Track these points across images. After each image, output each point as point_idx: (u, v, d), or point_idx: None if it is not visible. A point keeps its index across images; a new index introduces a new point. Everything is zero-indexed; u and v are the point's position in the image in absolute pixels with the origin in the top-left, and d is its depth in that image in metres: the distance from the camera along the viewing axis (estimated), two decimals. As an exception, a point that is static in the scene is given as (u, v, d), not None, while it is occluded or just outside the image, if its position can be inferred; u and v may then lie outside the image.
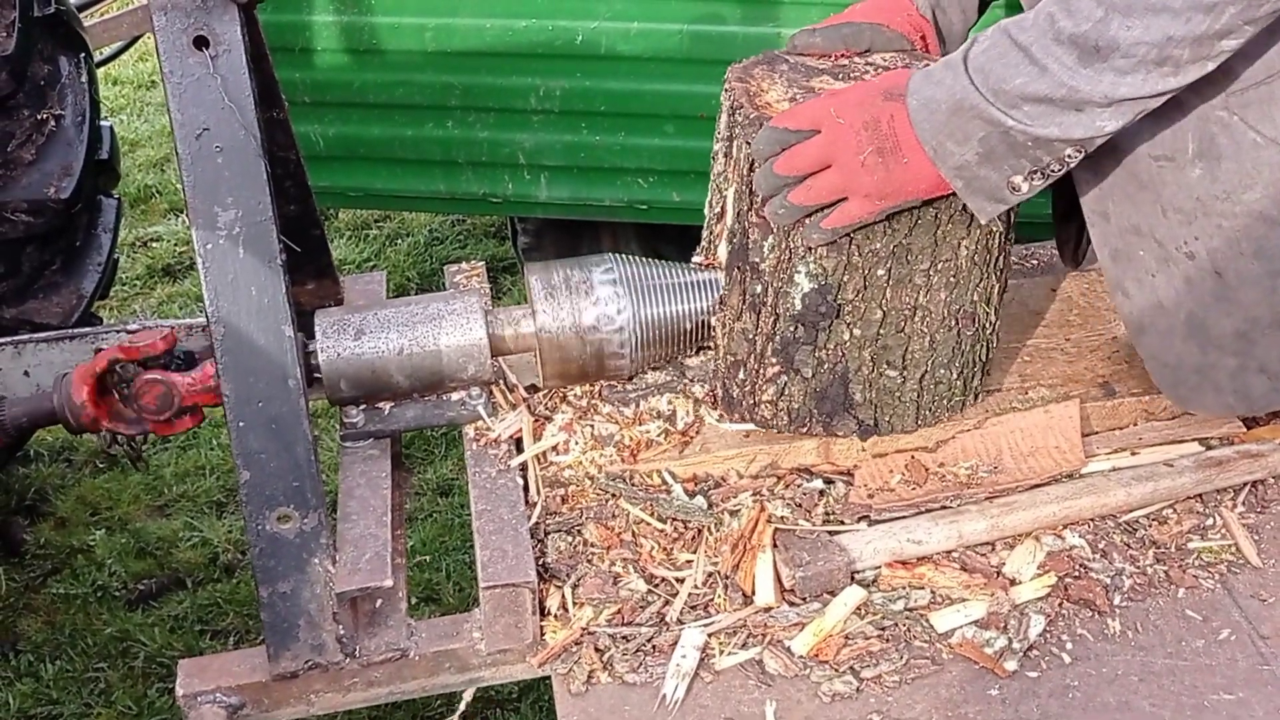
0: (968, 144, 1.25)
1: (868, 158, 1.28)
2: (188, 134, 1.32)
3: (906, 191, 1.30)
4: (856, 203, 1.32)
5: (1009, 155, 1.25)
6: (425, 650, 1.36)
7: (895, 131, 1.28)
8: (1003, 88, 1.22)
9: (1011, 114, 1.22)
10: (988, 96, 1.23)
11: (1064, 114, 1.21)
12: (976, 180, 1.27)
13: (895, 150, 1.28)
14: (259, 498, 1.33)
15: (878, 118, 1.29)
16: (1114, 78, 1.19)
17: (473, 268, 1.85)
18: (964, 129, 1.25)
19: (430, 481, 3.17)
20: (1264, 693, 1.23)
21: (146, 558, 2.96)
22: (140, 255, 4.17)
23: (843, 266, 1.37)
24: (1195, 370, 1.43)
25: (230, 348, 1.33)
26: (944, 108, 1.26)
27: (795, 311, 1.41)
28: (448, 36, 2.69)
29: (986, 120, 1.23)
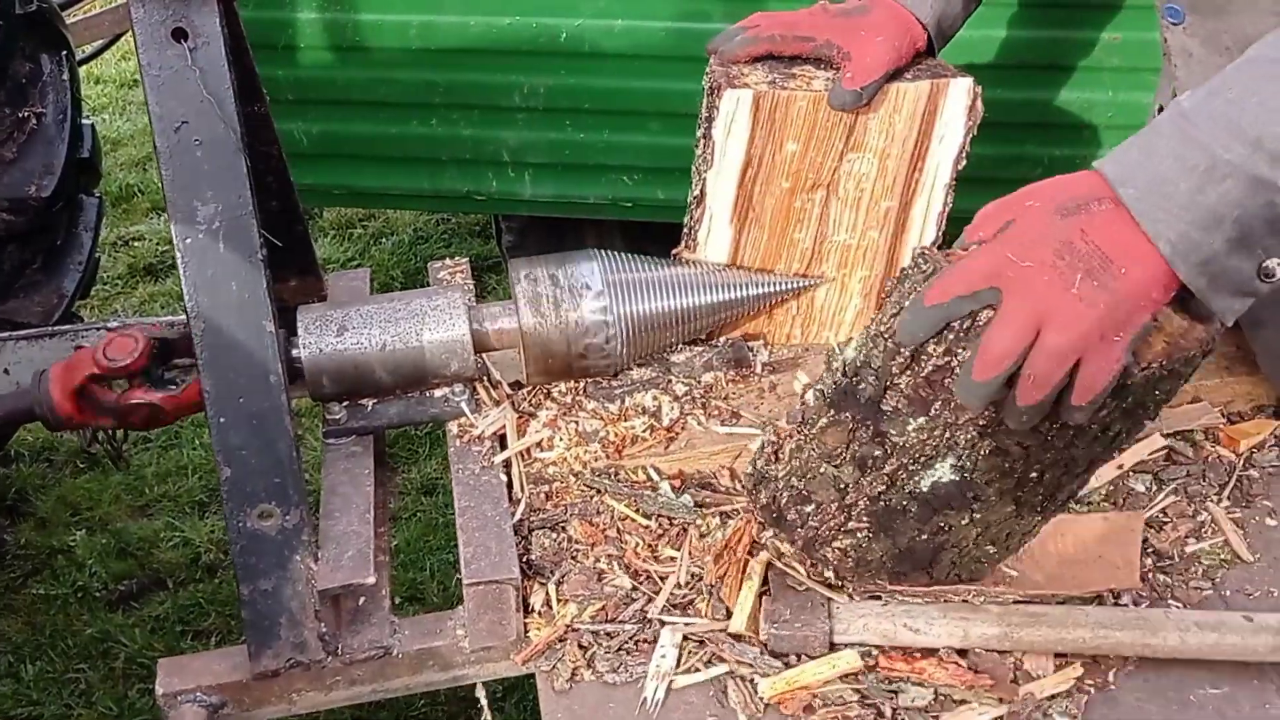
0: (1219, 228, 0.98)
1: (1081, 286, 0.99)
2: (166, 127, 1.31)
3: (1140, 310, 1.01)
4: (1098, 357, 1.00)
5: (1267, 232, 0.99)
6: (408, 648, 1.35)
7: (1097, 244, 1.01)
8: (1271, 130, 0.96)
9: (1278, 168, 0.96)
10: (1241, 149, 0.97)
11: None
12: (1224, 274, 1.01)
13: (1106, 265, 1.00)
14: (240, 494, 1.32)
15: (1069, 239, 1.01)
16: None
17: (456, 264, 1.84)
18: (1215, 208, 0.98)
19: (414, 481, 3.15)
20: (1250, 687, 1.23)
21: (127, 558, 2.94)
22: (122, 254, 4.15)
23: (1000, 470, 1.12)
24: None
25: (210, 343, 1.32)
26: (1184, 187, 0.99)
27: (919, 492, 1.17)
28: (431, 34, 2.67)
29: (1245, 184, 0.97)
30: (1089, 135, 2.56)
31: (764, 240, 1.60)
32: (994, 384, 1.02)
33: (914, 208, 1.57)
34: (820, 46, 1.50)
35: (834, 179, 1.54)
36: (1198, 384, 1.57)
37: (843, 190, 1.55)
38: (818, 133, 1.50)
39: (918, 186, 1.55)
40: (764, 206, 1.56)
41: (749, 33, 1.53)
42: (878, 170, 1.53)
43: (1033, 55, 2.38)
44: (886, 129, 1.50)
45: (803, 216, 1.57)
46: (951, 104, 1.49)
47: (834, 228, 1.58)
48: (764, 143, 1.51)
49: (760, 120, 1.49)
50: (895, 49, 1.46)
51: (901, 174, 1.53)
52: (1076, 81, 2.40)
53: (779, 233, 1.59)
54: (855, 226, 1.58)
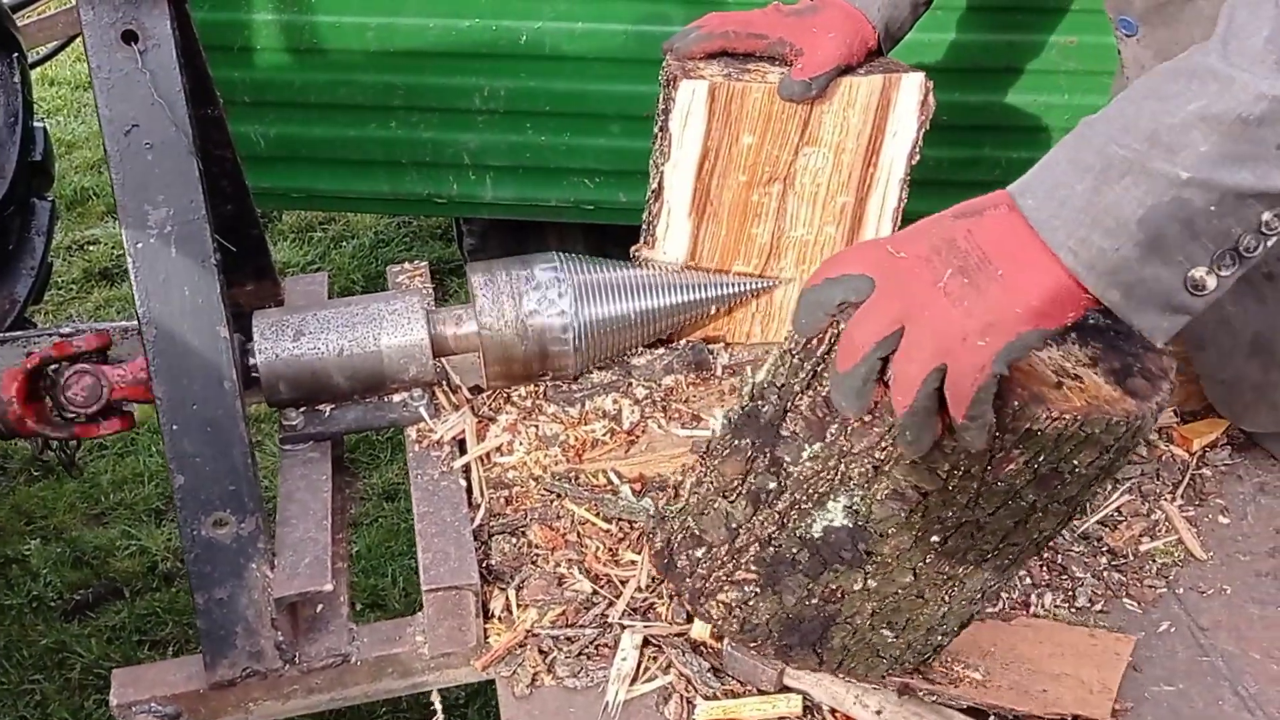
0: (1123, 230, 0.89)
1: (949, 282, 0.93)
2: (116, 130, 1.29)
3: (1013, 318, 0.92)
4: (959, 361, 0.92)
5: (1185, 236, 0.89)
6: (367, 655, 1.34)
7: (979, 244, 0.94)
8: (1166, 122, 0.89)
9: (1182, 159, 0.87)
10: (1141, 147, 0.89)
11: (1260, 149, 0.87)
12: (1142, 286, 0.91)
13: (984, 265, 0.93)
14: (194, 502, 1.30)
15: (951, 237, 0.96)
16: None
17: (415, 268, 1.83)
18: (1114, 208, 0.90)
19: (375, 486, 3.13)
20: (1204, 683, 1.24)
21: (83, 567, 2.89)
22: (77, 259, 4.09)
23: (896, 521, 1.05)
24: (1254, 388, 1.43)
25: (163, 349, 1.30)
26: (1080, 189, 0.92)
27: (810, 537, 1.10)
28: (390, 36, 2.66)
29: (1144, 183, 0.89)
30: (1046, 138, 2.58)
31: (722, 235, 1.60)
32: (856, 376, 0.96)
33: (869, 203, 1.58)
34: (773, 44, 1.51)
35: (790, 173, 1.55)
36: (1152, 384, 1.59)
37: (799, 185, 1.56)
38: (773, 125, 1.50)
39: (873, 182, 1.56)
40: (722, 201, 1.57)
41: (703, 30, 1.54)
42: (833, 165, 1.54)
43: (989, 58, 2.41)
44: (841, 123, 1.51)
45: (760, 211, 1.58)
46: (904, 98, 1.50)
47: (791, 223, 1.59)
48: (720, 135, 1.51)
49: (716, 112, 1.49)
50: (846, 46, 1.47)
51: (857, 169, 1.54)
52: (1033, 85, 2.42)
53: (737, 228, 1.59)
54: (812, 222, 1.59)
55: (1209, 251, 0.90)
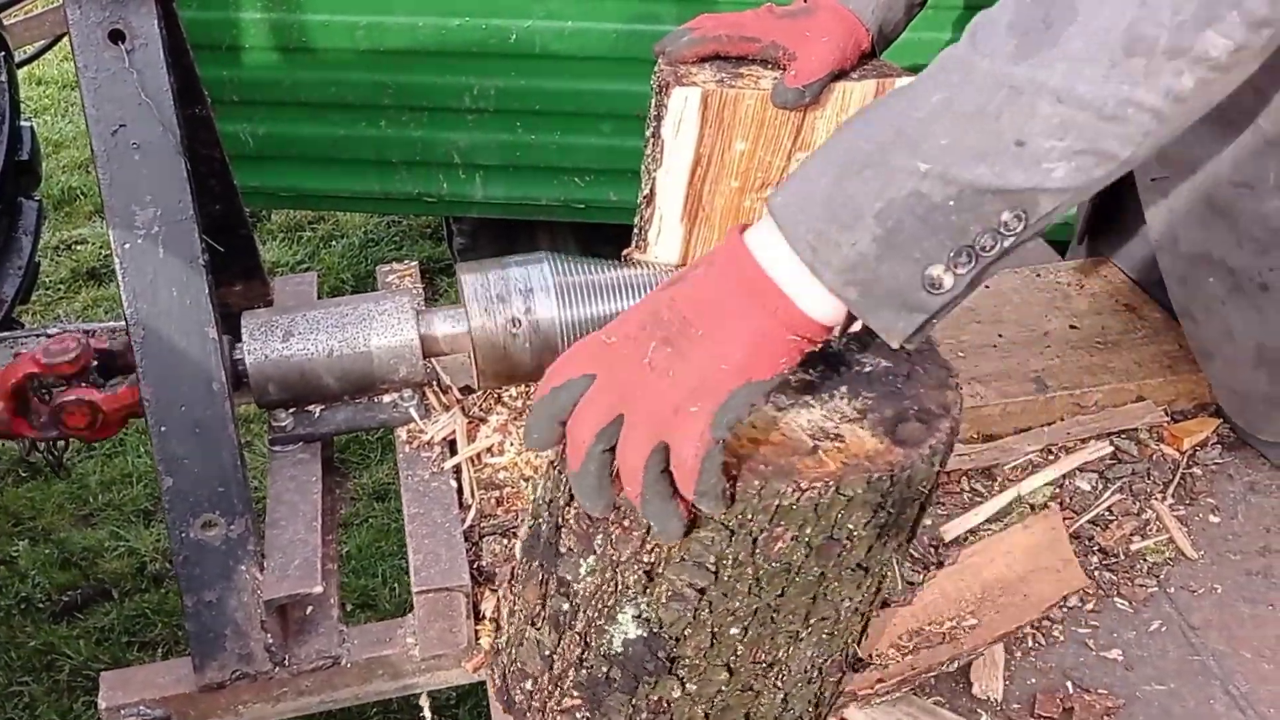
0: (859, 225, 0.86)
1: (654, 355, 0.89)
2: (103, 130, 1.28)
3: (720, 376, 0.87)
4: (677, 434, 0.88)
5: (922, 231, 0.85)
6: (358, 657, 1.33)
7: (680, 309, 0.90)
8: (911, 115, 0.87)
9: (922, 150, 0.85)
10: (885, 142, 0.87)
11: (997, 143, 0.84)
12: (878, 283, 0.87)
13: (685, 329, 0.89)
14: (183, 504, 1.29)
15: (655, 310, 0.92)
16: (1066, 68, 0.83)
17: (405, 268, 1.82)
18: (852, 201, 0.86)
19: (366, 486, 3.12)
20: (1195, 683, 1.24)
21: (71, 568, 2.88)
22: (64, 258, 4.08)
23: (685, 621, 0.98)
24: (1264, 399, 1.42)
25: (150, 351, 1.29)
26: (823, 184, 0.88)
27: (613, 653, 1.03)
28: (380, 35, 2.65)
29: (886, 174, 0.86)
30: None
31: (715, 240, 1.59)
32: (588, 474, 0.91)
33: None
34: (766, 47, 1.50)
35: (783, 178, 1.54)
36: (1141, 383, 1.59)
37: None
38: (766, 131, 1.50)
39: None
40: (714, 206, 1.56)
41: (695, 33, 1.53)
42: None
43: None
44: (834, 128, 1.50)
45: (753, 216, 1.57)
46: None
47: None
48: (713, 141, 1.51)
49: (709, 119, 1.49)
50: (840, 50, 1.47)
51: None
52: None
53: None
54: None
55: (946, 248, 0.86)
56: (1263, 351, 1.38)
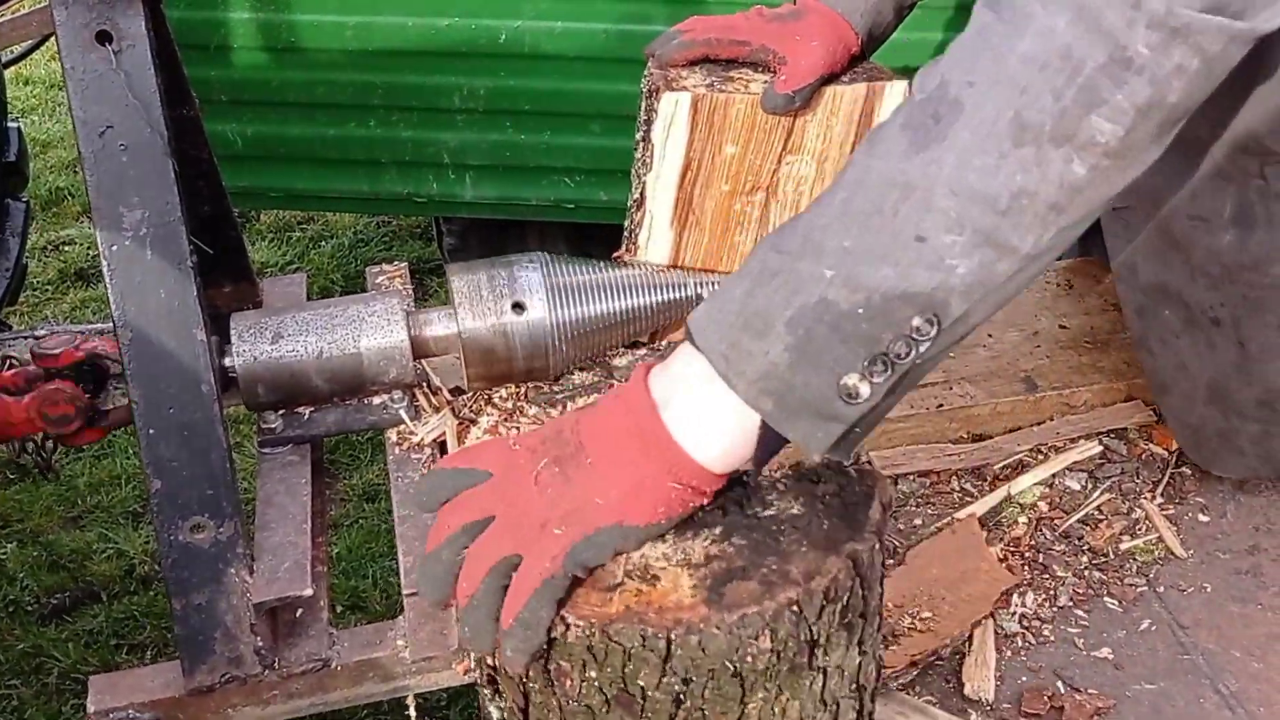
0: (772, 332, 0.85)
1: (543, 472, 0.90)
2: (90, 132, 1.27)
3: (593, 509, 0.87)
4: (534, 551, 0.87)
5: (833, 340, 0.84)
6: (348, 660, 1.32)
7: (580, 432, 0.91)
8: (818, 222, 0.86)
9: (826, 258, 0.84)
10: (791, 250, 0.86)
11: (896, 243, 0.83)
12: (791, 392, 0.85)
13: (577, 454, 0.90)
14: (171, 507, 1.29)
15: (560, 429, 0.94)
16: (955, 159, 0.82)
17: (395, 269, 1.82)
18: (764, 310, 0.85)
19: (356, 487, 3.11)
20: (1184, 681, 1.25)
21: (59, 570, 2.87)
22: (52, 259, 4.06)
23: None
24: (1217, 434, 1.42)
25: (139, 353, 1.28)
26: (737, 293, 0.88)
27: None
28: (369, 35, 2.65)
29: (794, 283, 0.85)
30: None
31: (705, 243, 1.59)
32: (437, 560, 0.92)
33: None
34: (756, 51, 1.50)
35: (773, 181, 1.54)
36: (1130, 383, 1.60)
37: (782, 193, 1.56)
38: (756, 135, 1.50)
39: None
40: (704, 209, 1.56)
41: (685, 36, 1.53)
42: (816, 173, 1.53)
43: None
44: (824, 131, 1.50)
45: (743, 219, 1.57)
46: (888, 107, 1.49)
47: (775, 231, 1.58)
48: (703, 145, 1.51)
49: (699, 123, 1.49)
50: (830, 53, 1.47)
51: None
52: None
53: (720, 236, 1.59)
54: None
55: (859, 356, 0.84)
56: (1215, 387, 1.38)
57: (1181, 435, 1.48)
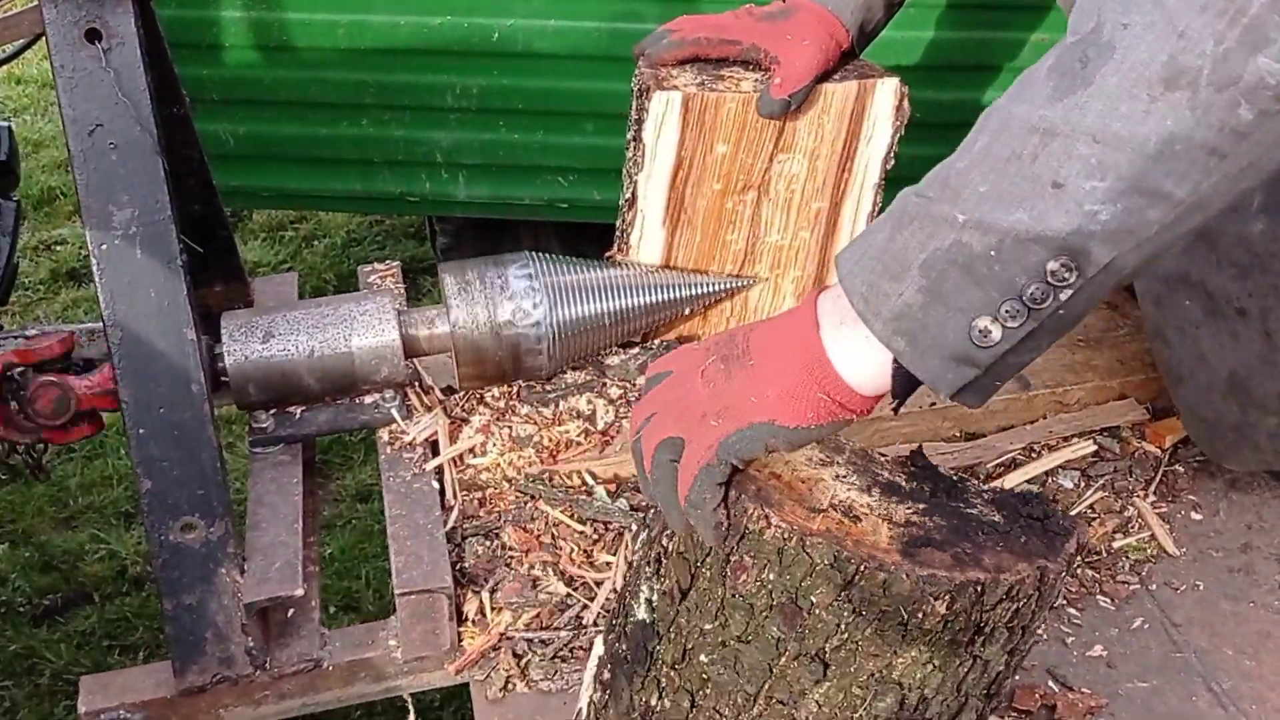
0: (907, 275, 0.86)
1: (709, 367, 0.96)
2: (80, 130, 1.27)
3: (749, 406, 0.92)
4: (695, 438, 0.94)
5: (966, 282, 0.85)
6: (339, 660, 1.32)
7: (749, 340, 0.96)
8: (956, 166, 0.87)
9: (962, 202, 0.84)
10: (929, 195, 0.87)
11: (1034, 187, 0.82)
12: (925, 332, 0.87)
13: (743, 355, 0.95)
14: (161, 507, 1.28)
15: (734, 334, 0.99)
16: (1102, 107, 0.80)
17: (387, 268, 1.81)
18: (902, 253, 0.87)
19: (349, 487, 3.11)
20: (1177, 680, 1.24)
21: (52, 571, 2.86)
22: (44, 259, 4.05)
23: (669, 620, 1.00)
24: (1233, 428, 1.40)
25: (129, 352, 1.28)
26: (879, 237, 0.90)
27: (629, 627, 1.06)
28: (361, 33, 2.63)
29: (930, 226, 0.86)
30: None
31: (697, 242, 1.59)
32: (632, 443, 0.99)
33: (844, 208, 1.57)
34: (747, 50, 1.50)
35: (765, 180, 1.54)
36: (1123, 381, 1.59)
37: (774, 191, 1.55)
38: (748, 134, 1.50)
39: (847, 187, 1.55)
40: (696, 208, 1.56)
41: (675, 36, 1.53)
42: (808, 171, 1.53)
43: (961, 56, 2.41)
44: (815, 129, 1.50)
45: (735, 218, 1.57)
46: (879, 104, 1.49)
47: (766, 229, 1.58)
48: (694, 145, 1.50)
49: (690, 122, 1.48)
50: (822, 52, 1.46)
51: (831, 174, 1.53)
52: (1006, 82, 2.43)
53: (711, 234, 1.59)
54: (787, 227, 1.58)
55: (993, 300, 0.84)
56: (1235, 378, 1.36)
57: (1194, 427, 1.45)
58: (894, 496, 0.96)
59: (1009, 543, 0.92)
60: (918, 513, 0.94)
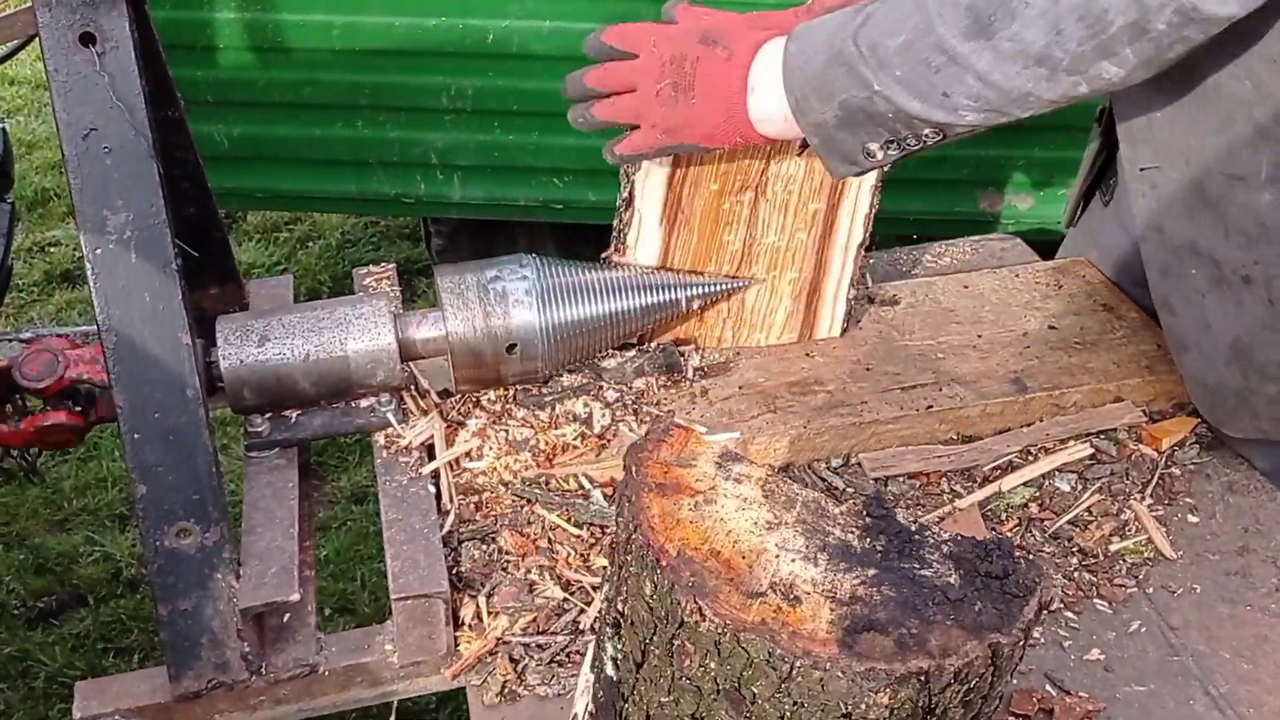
0: (829, 103, 1.24)
1: (663, 89, 1.31)
2: (74, 134, 1.26)
3: (686, 133, 1.33)
4: (644, 132, 1.36)
5: (867, 123, 1.24)
6: (336, 665, 1.32)
7: (695, 73, 1.30)
8: (883, 43, 1.19)
9: (880, 76, 1.20)
10: (863, 51, 1.20)
11: (931, 92, 1.19)
12: (832, 141, 1.28)
13: (688, 89, 1.31)
14: (157, 512, 1.28)
15: (685, 54, 1.31)
16: (991, 60, 1.15)
17: (383, 270, 1.81)
18: (831, 85, 1.23)
19: (344, 489, 3.10)
20: (1175, 683, 1.24)
21: (46, 574, 2.85)
22: (38, 260, 4.04)
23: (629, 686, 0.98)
24: (1235, 394, 1.43)
25: (123, 357, 1.28)
26: (820, 59, 1.24)
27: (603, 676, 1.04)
28: (355, 35, 2.64)
29: (854, 79, 1.21)
30: (1012, 135, 2.59)
31: (694, 243, 1.59)
32: (587, 91, 1.37)
33: (841, 209, 1.57)
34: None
35: (762, 181, 1.54)
36: (1120, 384, 1.59)
37: (771, 192, 1.55)
38: None
39: (845, 188, 1.55)
40: (693, 209, 1.56)
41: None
42: (804, 172, 1.53)
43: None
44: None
45: (732, 219, 1.57)
46: None
47: (763, 229, 1.58)
48: None
49: None
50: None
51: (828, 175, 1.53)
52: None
53: (709, 235, 1.58)
54: (784, 228, 1.58)
55: (881, 136, 1.25)
56: (1238, 345, 1.39)
57: (1197, 394, 1.49)
58: (842, 563, 0.92)
59: (960, 614, 0.88)
60: (865, 582, 0.90)
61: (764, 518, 0.95)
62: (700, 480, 0.98)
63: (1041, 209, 2.87)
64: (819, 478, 1.50)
